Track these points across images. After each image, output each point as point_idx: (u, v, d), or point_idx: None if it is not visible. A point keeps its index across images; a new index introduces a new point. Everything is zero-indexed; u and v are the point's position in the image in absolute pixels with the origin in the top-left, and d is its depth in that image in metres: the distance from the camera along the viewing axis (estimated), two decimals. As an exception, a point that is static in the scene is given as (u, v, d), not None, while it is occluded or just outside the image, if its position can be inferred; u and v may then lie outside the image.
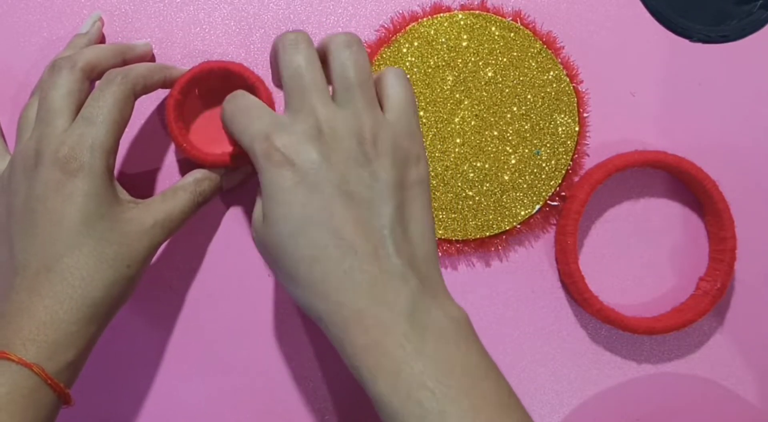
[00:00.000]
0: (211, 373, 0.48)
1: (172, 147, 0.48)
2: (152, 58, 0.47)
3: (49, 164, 0.35)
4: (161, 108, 0.47)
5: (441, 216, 0.47)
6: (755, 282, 0.49)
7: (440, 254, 0.47)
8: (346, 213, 0.33)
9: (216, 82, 0.45)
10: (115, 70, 0.38)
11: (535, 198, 0.47)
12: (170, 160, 0.48)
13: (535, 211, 0.47)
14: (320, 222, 0.32)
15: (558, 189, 0.47)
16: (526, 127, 0.47)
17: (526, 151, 0.47)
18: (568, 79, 0.47)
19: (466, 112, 0.47)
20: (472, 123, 0.47)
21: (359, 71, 0.35)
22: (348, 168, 0.33)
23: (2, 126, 0.46)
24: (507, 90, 0.47)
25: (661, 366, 0.49)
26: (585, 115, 0.47)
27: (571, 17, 0.48)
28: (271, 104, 0.45)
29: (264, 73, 0.47)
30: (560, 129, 0.47)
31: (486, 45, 0.47)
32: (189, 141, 0.44)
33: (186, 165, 0.47)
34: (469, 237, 0.47)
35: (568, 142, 0.47)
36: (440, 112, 0.47)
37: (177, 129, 0.44)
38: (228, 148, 0.45)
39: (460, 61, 0.47)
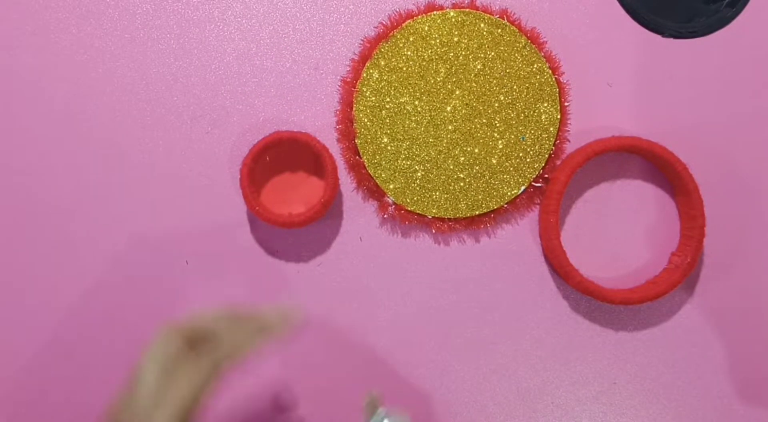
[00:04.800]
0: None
1: (244, 207, 0.50)
2: None
3: None
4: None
5: (435, 197, 0.50)
6: (723, 257, 0.51)
7: (434, 231, 0.50)
8: None
9: (285, 149, 0.49)
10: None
11: (520, 179, 0.50)
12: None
13: (520, 191, 0.50)
14: None
15: (541, 171, 0.50)
16: (512, 114, 0.50)
17: (512, 136, 0.50)
18: (550, 71, 0.50)
19: (458, 102, 0.50)
20: (463, 111, 0.50)
21: None
22: None
23: (2, 128, 0.47)
24: (495, 81, 0.49)
25: (637, 334, 0.51)
26: (566, 104, 0.50)
27: (554, 15, 0.51)
28: (334, 170, 0.48)
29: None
30: (543, 116, 0.50)
31: (475, 40, 0.49)
32: (261, 204, 0.48)
33: (256, 223, 0.50)
34: (460, 215, 0.50)
35: (551, 129, 0.50)
36: (433, 101, 0.49)
37: (249, 193, 0.47)
38: (296, 210, 0.48)
39: (452, 54, 0.49)
